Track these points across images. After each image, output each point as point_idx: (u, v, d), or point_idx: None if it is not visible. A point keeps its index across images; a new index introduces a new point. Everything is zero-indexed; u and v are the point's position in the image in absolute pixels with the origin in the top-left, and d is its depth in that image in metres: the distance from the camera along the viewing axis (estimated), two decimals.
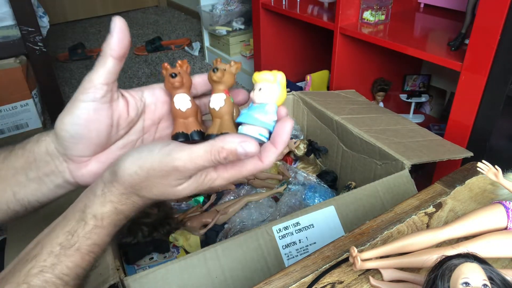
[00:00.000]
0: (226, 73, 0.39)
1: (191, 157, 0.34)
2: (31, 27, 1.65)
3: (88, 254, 0.37)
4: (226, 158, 0.34)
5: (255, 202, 0.94)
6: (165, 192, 0.37)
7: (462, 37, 1.05)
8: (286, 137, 0.37)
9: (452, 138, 0.99)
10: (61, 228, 0.37)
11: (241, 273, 0.61)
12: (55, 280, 0.35)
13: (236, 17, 2.33)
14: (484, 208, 0.46)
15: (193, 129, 0.41)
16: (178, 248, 0.86)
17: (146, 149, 0.36)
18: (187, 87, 0.41)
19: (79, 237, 0.37)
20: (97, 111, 0.38)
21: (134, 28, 3.29)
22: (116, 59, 0.37)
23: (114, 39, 0.37)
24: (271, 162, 0.38)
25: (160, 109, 0.44)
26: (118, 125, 0.41)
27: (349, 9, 1.31)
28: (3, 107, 1.67)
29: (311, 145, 1.08)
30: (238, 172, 0.38)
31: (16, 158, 0.41)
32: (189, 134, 0.40)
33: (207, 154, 0.34)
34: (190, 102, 0.41)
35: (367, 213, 0.71)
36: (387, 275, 0.43)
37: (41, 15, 1.83)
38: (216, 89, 0.40)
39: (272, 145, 0.37)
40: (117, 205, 0.37)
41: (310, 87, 1.70)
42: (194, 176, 0.37)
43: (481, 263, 0.33)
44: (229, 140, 0.34)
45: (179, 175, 0.36)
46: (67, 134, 0.38)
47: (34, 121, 1.77)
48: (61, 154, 0.40)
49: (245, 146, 0.34)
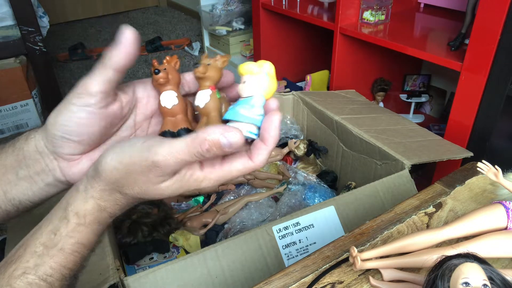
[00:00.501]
0: (211, 68, 0.38)
1: (171, 151, 0.32)
2: (31, 27, 1.65)
3: (72, 254, 0.36)
4: (209, 150, 0.32)
5: (255, 202, 0.94)
6: (147, 190, 0.35)
7: (462, 37, 1.05)
8: (275, 132, 0.34)
9: (452, 138, 0.99)
10: (45, 227, 0.36)
11: (241, 273, 0.61)
12: (39, 282, 0.34)
13: (236, 17, 2.33)
14: (484, 208, 0.46)
15: (181, 127, 0.39)
16: (178, 248, 0.86)
17: (128, 143, 0.35)
18: (174, 83, 0.39)
19: (62, 236, 0.35)
20: (90, 115, 0.36)
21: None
22: (117, 71, 0.36)
23: (119, 52, 0.35)
24: (262, 161, 0.35)
25: (152, 103, 0.42)
26: (112, 125, 0.39)
27: (349, 9, 1.31)
28: (3, 107, 1.67)
29: (311, 145, 1.08)
30: (226, 172, 0.36)
31: (6, 156, 0.40)
32: (175, 132, 0.39)
33: (188, 147, 0.32)
34: (176, 98, 0.39)
35: (367, 213, 0.71)
36: (387, 275, 0.43)
37: (41, 15, 1.83)
38: (201, 85, 0.38)
39: (261, 142, 0.35)
40: (99, 201, 0.36)
41: (310, 87, 1.70)
42: (177, 174, 0.35)
43: (481, 263, 0.33)
44: (211, 131, 0.32)
45: (160, 171, 0.33)
46: (58, 133, 0.37)
47: (34, 121, 1.77)
48: (51, 152, 0.39)
49: (228, 136, 0.32)
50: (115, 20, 3.51)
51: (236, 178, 0.99)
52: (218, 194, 1.01)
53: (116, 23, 3.46)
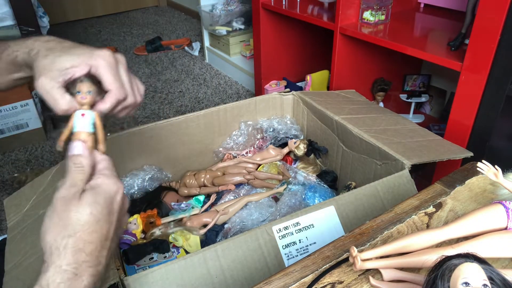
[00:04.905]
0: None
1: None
2: (31, 27, 1.65)
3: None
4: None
5: (255, 202, 0.94)
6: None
7: (462, 37, 1.05)
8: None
9: (452, 138, 0.99)
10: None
11: (241, 273, 0.61)
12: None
13: (236, 17, 2.33)
14: (484, 208, 0.46)
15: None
16: (178, 248, 0.86)
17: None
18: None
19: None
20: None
21: (134, 28, 3.29)
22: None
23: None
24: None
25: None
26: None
27: (349, 9, 1.31)
28: (3, 107, 1.67)
29: (311, 145, 1.08)
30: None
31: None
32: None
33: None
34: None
35: (367, 213, 0.71)
36: (387, 275, 0.43)
37: (41, 15, 1.83)
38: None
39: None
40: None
41: (310, 87, 1.70)
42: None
43: (481, 263, 0.33)
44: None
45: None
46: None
47: (34, 121, 1.77)
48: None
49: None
50: (115, 20, 3.51)
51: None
52: (218, 194, 1.01)
53: (116, 23, 3.46)
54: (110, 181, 0.42)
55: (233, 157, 1.10)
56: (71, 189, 0.40)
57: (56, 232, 0.38)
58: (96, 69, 0.46)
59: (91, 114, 0.45)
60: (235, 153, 1.11)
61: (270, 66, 1.85)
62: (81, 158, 0.43)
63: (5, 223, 0.99)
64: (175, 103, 2.12)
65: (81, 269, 0.38)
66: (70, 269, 0.37)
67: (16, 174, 1.56)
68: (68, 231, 0.38)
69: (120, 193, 0.43)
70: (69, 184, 0.41)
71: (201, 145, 1.08)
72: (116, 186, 0.43)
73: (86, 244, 0.38)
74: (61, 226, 0.38)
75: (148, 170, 1.01)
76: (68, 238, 0.38)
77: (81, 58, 0.46)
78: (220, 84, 2.31)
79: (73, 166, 0.42)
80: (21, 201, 0.77)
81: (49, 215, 0.39)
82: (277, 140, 1.12)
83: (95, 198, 0.40)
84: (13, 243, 0.69)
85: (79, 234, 0.38)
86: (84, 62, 0.46)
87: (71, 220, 0.38)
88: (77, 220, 0.38)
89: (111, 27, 3.33)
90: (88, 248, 0.38)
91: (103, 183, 0.42)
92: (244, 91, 2.23)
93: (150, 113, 2.02)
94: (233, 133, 1.11)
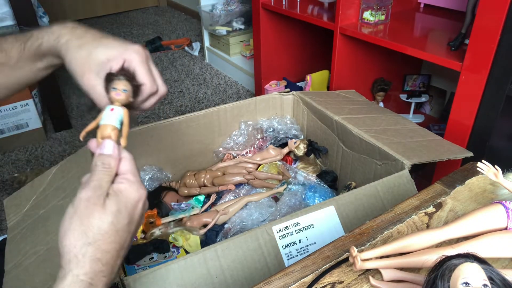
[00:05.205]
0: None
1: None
2: (31, 27, 1.65)
3: None
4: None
5: (255, 202, 0.94)
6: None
7: (462, 37, 1.05)
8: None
9: (452, 138, 0.99)
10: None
11: (241, 273, 0.61)
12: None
13: (236, 17, 2.33)
14: (484, 208, 0.46)
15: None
16: (178, 248, 0.86)
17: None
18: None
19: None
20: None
21: (134, 28, 3.29)
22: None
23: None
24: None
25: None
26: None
27: (349, 9, 1.31)
28: (3, 107, 1.67)
29: (311, 145, 1.08)
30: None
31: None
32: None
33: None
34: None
35: (367, 213, 0.71)
36: (387, 275, 0.43)
37: (41, 15, 1.83)
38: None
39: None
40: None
41: (310, 87, 1.70)
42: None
43: (481, 263, 0.33)
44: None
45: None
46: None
47: (34, 121, 1.77)
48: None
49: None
50: (115, 20, 3.51)
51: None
52: (218, 194, 1.01)
53: (116, 23, 3.46)
54: (133, 188, 0.41)
55: (233, 157, 1.10)
56: (96, 191, 0.39)
57: (76, 237, 0.37)
58: (130, 63, 0.47)
59: (121, 110, 0.45)
60: (235, 153, 1.11)
61: (270, 66, 1.85)
62: (110, 159, 0.42)
63: (5, 223, 0.99)
64: (175, 103, 2.12)
65: (97, 279, 0.37)
66: (87, 279, 0.36)
67: (16, 174, 1.56)
68: (89, 239, 0.37)
69: (142, 201, 0.42)
70: (94, 185, 0.39)
71: (201, 145, 1.08)
72: (138, 193, 0.42)
73: (104, 253, 0.38)
74: (82, 232, 0.37)
75: (148, 170, 1.01)
76: (87, 246, 0.37)
77: (117, 51, 0.47)
78: (220, 84, 2.31)
79: (100, 165, 0.41)
80: (21, 201, 0.77)
81: (71, 216, 0.38)
82: (277, 140, 1.12)
83: (118, 207, 0.39)
84: (13, 243, 0.69)
85: (99, 243, 0.37)
86: (119, 56, 0.47)
87: (93, 227, 0.37)
88: (98, 228, 0.37)
89: (111, 27, 3.33)
90: (105, 257, 0.38)
91: (126, 190, 0.41)
92: (244, 91, 2.23)
93: (150, 113, 2.03)
94: (233, 133, 1.11)
